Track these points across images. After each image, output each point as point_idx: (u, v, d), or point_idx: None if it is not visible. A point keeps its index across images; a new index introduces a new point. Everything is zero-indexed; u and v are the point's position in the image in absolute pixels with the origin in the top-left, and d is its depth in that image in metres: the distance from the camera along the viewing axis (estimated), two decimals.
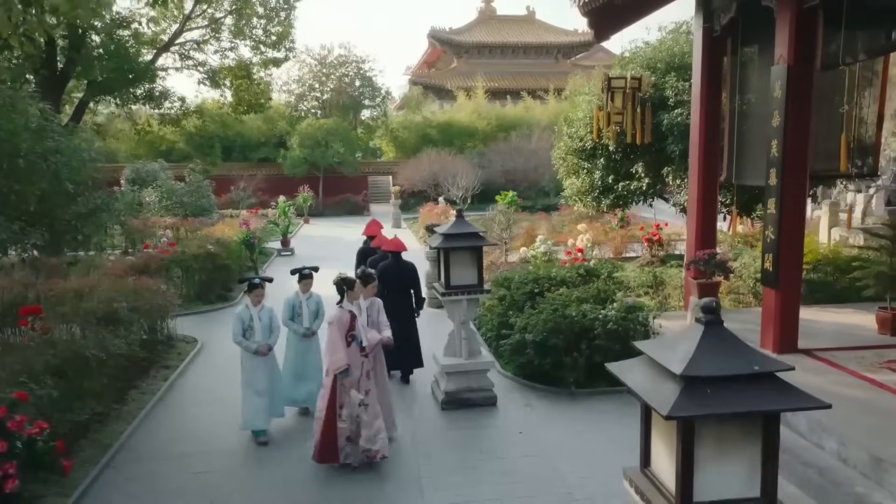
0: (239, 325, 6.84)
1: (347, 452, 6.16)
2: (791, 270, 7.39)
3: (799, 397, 2.84)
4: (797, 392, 2.86)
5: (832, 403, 5.76)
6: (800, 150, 7.22)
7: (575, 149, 12.28)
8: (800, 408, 2.85)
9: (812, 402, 2.84)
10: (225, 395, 8.16)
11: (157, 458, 6.53)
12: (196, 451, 6.72)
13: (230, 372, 8.68)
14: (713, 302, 3.02)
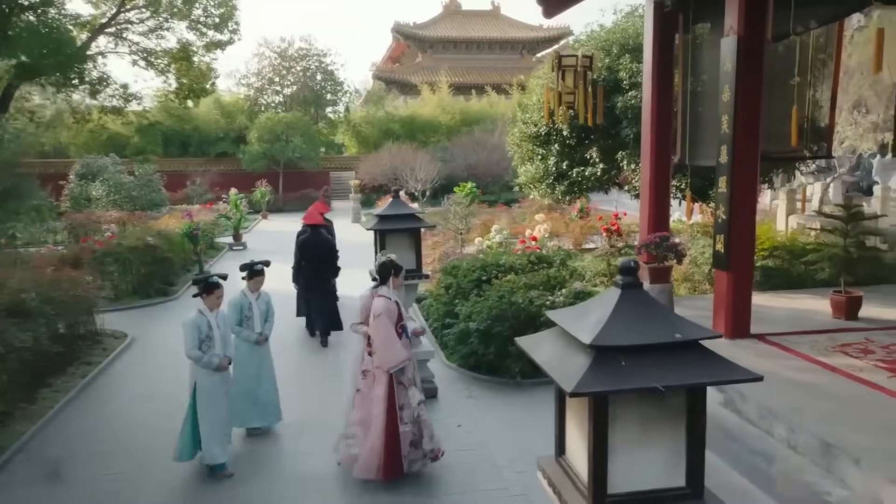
0: (195, 335, 5.61)
1: (411, 459, 5.45)
2: (743, 252, 7.08)
3: (727, 369, 2.44)
4: (725, 363, 2.46)
5: (784, 389, 5.45)
6: (751, 125, 6.91)
7: (529, 135, 11.91)
8: (728, 380, 2.46)
9: (741, 373, 2.45)
10: (152, 393, 7.62)
11: (62, 460, 5.96)
12: (109, 451, 6.17)
13: (159, 369, 8.17)
14: (630, 262, 2.62)
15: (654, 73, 8.59)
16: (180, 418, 6.81)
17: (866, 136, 16.53)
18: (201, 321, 5.65)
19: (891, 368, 6.08)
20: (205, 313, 5.68)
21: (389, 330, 5.26)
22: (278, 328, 6.64)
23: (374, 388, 5.34)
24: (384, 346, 5.24)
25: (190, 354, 5.60)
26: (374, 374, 5.34)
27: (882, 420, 5.00)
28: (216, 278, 5.79)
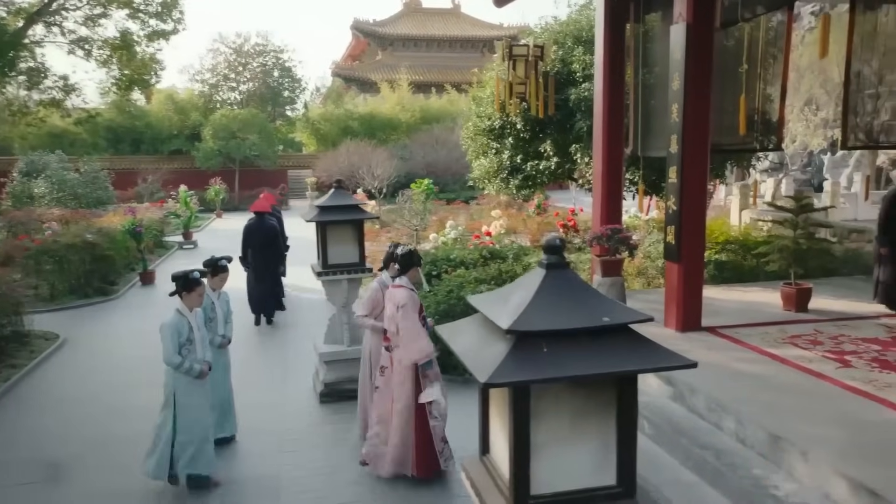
0: (175, 339, 4.94)
1: (447, 456, 5.09)
2: (694, 244, 6.97)
3: (659, 355, 2.22)
4: (657, 349, 2.24)
5: (733, 381, 5.30)
6: (701, 114, 6.81)
7: (483, 129, 11.69)
8: (659, 367, 2.23)
9: (674, 360, 2.22)
10: (80, 396, 7.16)
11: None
12: (25, 458, 5.74)
13: (90, 372, 7.72)
14: (556, 239, 2.38)
15: (605, 64, 8.45)
16: (109, 423, 6.42)
17: (816, 132, 16.78)
18: (181, 323, 5.00)
19: (839, 359, 6.02)
20: (184, 314, 5.04)
21: (415, 321, 4.93)
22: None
23: (396, 383, 5.02)
24: (411, 338, 4.89)
25: (170, 361, 4.94)
26: (394, 369, 5.02)
27: (830, 411, 4.89)
28: (197, 274, 5.15)
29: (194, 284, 5.07)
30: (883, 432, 4.50)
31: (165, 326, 4.97)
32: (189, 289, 5.05)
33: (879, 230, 7.75)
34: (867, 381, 5.44)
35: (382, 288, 5.38)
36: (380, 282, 5.50)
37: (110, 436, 6.16)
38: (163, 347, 4.96)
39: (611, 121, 8.43)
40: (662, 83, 8.06)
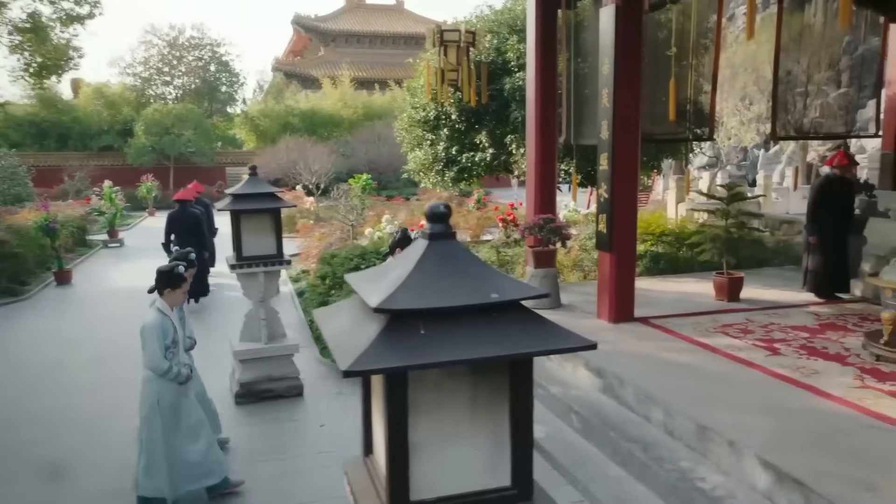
0: (161, 342, 4.37)
1: None
2: (625, 232, 6.82)
3: (556, 335, 1.94)
4: (554, 329, 1.96)
5: (663, 371, 5.11)
6: (631, 98, 6.66)
7: (418, 120, 11.39)
8: (556, 349, 1.94)
9: (572, 340, 1.94)
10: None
11: None
12: None
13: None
14: (440, 206, 2.08)
15: (537, 51, 8.25)
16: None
17: (750, 126, 17.07)
18: (166, 323, 4.43)
19: (769, 347, 5.93)
20: (166, 312, 4.48)
21: None
22: None
23: None
24: None
25: (158, 367, 4.35)
26: None
27: (758, 399, 4.75)
28: (183, 268, 4.57)
29: (180, 280, 4.52)
30: (808, 419, 4.38)
31: (149, 328, 4.36)
32: (175, 285, 4.49)
33: (808, 219, 7.78)
34: (795, 368, 5.35)
35: None
36: None
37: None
38: (147, 352, 4.36)
39: (543, 109, 8.23)
40: (595, 70, 7.89)
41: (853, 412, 4.47)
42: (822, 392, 4.82)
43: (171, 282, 4.48)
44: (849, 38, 13.27)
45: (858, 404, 4.59)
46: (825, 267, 7.62)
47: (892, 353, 5.42)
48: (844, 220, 7.70)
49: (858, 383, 5.01)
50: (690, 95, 8.79)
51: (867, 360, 5.54)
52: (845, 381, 5.06)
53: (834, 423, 4.31)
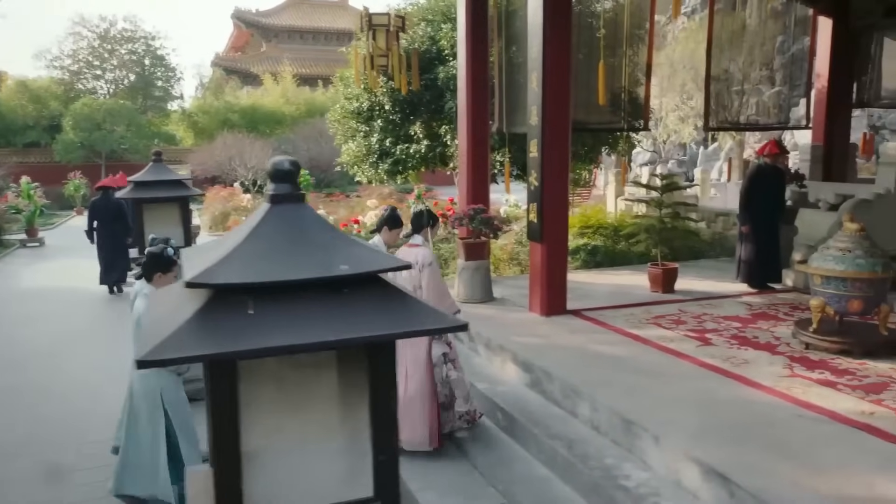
0: None
1: (443, 421, 4.77)
2: (556, 222, 6.58)
3: (420, 314, 1.62)
4: (418, 307, 1.64)
5: (592, 364, 4.85)
6: (561, 83, 6.43)
7: (351, 111, 11.00)
8: (418, 331, 1.63)
9: (439, 320, 1.64)
10: None
11: None
12: None
13: None
14: (285, 162, 1.75)
15: (468, 38, 7.97)
16: None
17: (688, 122, 17.24)
18: None
19: (700, 338, 5.78)
20: None
21: (440, 279, 4.72)
22: None
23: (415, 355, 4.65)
24: (439, 296, 4.62)
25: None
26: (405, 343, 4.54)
27: (686, 391, 4.56)
28: (171, 251, 4.29)
29: (171, 263, 4.23)
30: (736, 410, 4.20)
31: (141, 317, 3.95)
32: (167, 268, 4.22)
33: (741, 207, 7.71)
34: (725, 358, 5.20)
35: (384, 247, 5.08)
36: (374, 245, 5.00)
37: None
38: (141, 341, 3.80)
39: (475, 97, 7.95)
40: (527, 57, 7.69)
41: (781, 402, 4.31)
42: (751, 382, 4.66)
43: (161, 265, 4.19)
44: (782, 38, 13.47)
45: (787, 393, 4.44)
46: (757, 257, 7.57)
47: (821, 340, 5.32)
48: (776, 209, 7.67)
49: (787, 372, 4.87)
50: (625, 85, 8.69)
51: (797, 348, 5.43)
52: (774, 370, 4.92)
53: (762, 413, 4.14)
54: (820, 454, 3.62)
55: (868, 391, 4.45)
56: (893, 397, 4.33)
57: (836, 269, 5.21)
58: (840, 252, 5.25)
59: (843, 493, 3.21)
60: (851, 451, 3.64)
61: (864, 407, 4.19)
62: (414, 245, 4.81)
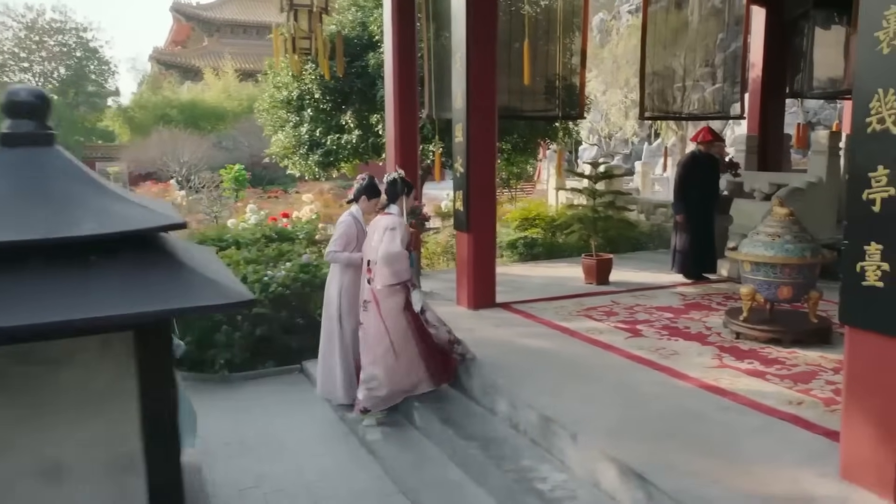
0: None
1: (460, 351, 4.81)
2: (484, 210, 6.27)
3: (190, 287, 1.25)
4: (192, 277, 1.27)
5: (515, 358, 4.53)
6: (486, 64, 6.12)
7: (280, 100, 10.49)
8: (191, 308, 1.25)
9: (220, 294, 1.26)
10: None
11: None
12: None
13: None
14: (21, 92, 1.34)
15: (394, 19, 7.60)
16: None
17: (630, 116, 17.24)
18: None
19: (630, 329, 5.54)
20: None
21: (399, 247, 4.58)
22: None
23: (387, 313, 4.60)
24: (393, 259, 4.54)
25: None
26: (378, 300, 4.59)
27: (611, 385, 4.28)
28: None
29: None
30: (661, 404, 3.94)
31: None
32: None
33: (675, 196, 7.54)
34: (654, 349, 4.96)
35: (355, 222, 5.10)
36: (351, 214, 5.15)
37: None
38: None
39: (402, 82, 7.58)
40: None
41: (708, 394, 4.07)
42: (678, 374, 4.42)
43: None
44: (722, 35, 13.54)
45: (715, 385, 4.20)
46: (692, 247, 7.41)
47: (751, 329, 5.13)
48: (710, 198, 7.53)
49: (716, 363, 4.65)
50: (560, 73, 8.49)
51: (728, 338, 5.24)
52: (704, 360, 4.69)
53: (688, 407, 3.89)
54: (745, 449, 3.37)
55: (796, 380, 4.26)
56: (821, 386, 4.14)
57: (765, 254, 5.02)
58: (769, 237, 5.07)
59: (768, 491, 2.96)
60: (777, 444, 3.41)
61: (792, 397, 3.98)
62: (388, 213, 4.77)
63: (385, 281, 4.56)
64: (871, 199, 2.78)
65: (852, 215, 2.87)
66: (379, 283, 4.58)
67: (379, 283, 4.58)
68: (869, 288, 2.81)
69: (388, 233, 4.61)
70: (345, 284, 5.09)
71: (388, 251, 4.54)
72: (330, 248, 5.15)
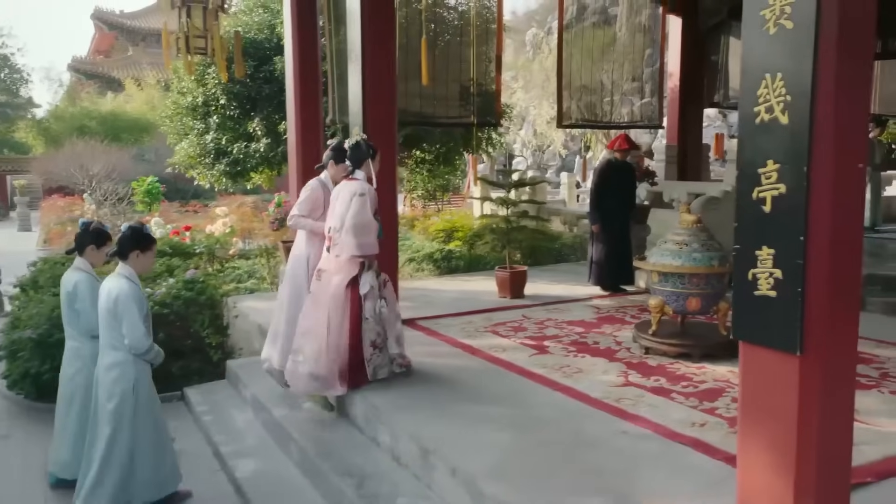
0: (141, 315, 3.68)
1: (376, 364, 4.34)
2: (386, 222, 5.81)
3: None
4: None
5: (405, 380, 4.11)
6: (384, 65, 5.71)
7: (185, 106, 9.86)
8: None
9: None
10: None
11: None
12: None
13: None
14: None
15: (294, 20, 7.17)
16: None
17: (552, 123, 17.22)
18: (141, 294, 3.74)
19: (537, 345, 5.18)
20: (135, 281, 3.72)
21: (368, 214, 4.31)
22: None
23: (334, 282, 4.26)
24: (359, 230, 4.24)
25: (141, 344, 3.64)
26: (334, 269, 4.29)
27: (504, 408, 3.89)
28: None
29: (151, 242, 3.83)
30: (554, 430, 3.57)
31: (128, 299, 3.59)
32: (146, 246, 3.78)
33: (591, 206, 7.30)
34: (558, 367, 4.61)
35: (322, 186, 4.84)
36: (318, 180, 4.91)
37: None
38: (129, 326, 3.59)
39: (304, 86, 7.14)
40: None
41: (608, 416, 3.73)
42: (579, 394, 4.07)
43: (143, 243, 3.76)
44: (650, 52, 13.59)
45: (616, 406, 3.87)
46: (608, 258, 7.17)
47: (660, 344, 4.85)
48: (627, 207, 7.32)
49: (622, 380, 4.33)
50: (474, 78, 8.21)
51: (637, 353, 4.94)
52: (608, 378, 4.37)
53: (584, 431, 3.53)
54: (641, 479, 3.02)
55: (702, 398, 3.96)
56: (727, 405, 3.85)
57: (672, 264, 4.75)
58: (676, 246, 4.81)
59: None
60: (676, 472, 3.07)
61: (696, 417, 3.68)
62: (353, 179, 4.47)
63: (351, 251, 4.25)
64: (761, 198, 2.48)
65: (742, 217, 2.56)
66: (344, 253, 4.25)
67: (344, 253, 4.25)
68: (762, 298, 2.50)
69: (355, 199, 4.30)
70: (313, 254, 4.76)
71: (354, 220, 4.24)
72: (293, 211, 4.87)
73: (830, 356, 2.42)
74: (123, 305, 3.60)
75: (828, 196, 2.33)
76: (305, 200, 4.80)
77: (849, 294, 2.47)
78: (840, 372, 2.47)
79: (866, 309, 6.17)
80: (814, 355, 2.41)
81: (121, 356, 3.65)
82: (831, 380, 2.44)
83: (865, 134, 2.51)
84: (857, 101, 2.39)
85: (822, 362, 2.41)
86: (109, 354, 3.66)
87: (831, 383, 2.44)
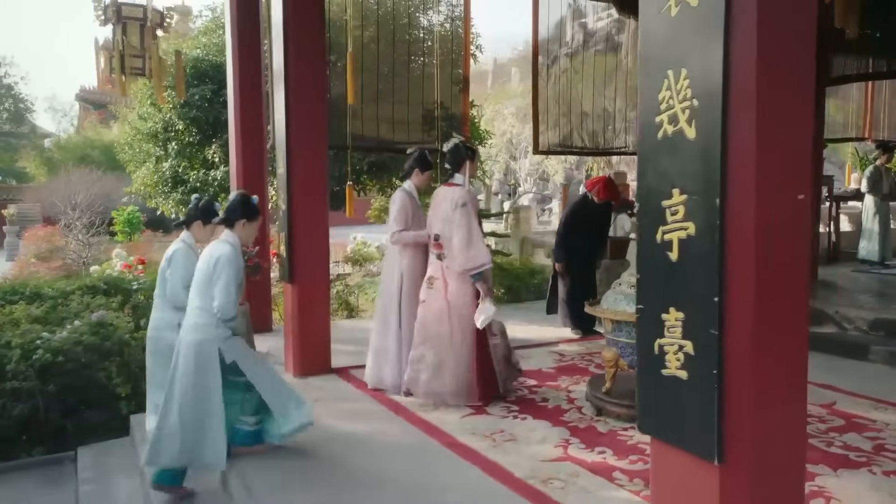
0: (236, 281, 3.57)
1: (505, 377, 4.47)
2: (313, 257, 5.18)
3: None
4: None
5: (304, 452, 3.41)
6: (312, 84, 5.12)
7: (144, 132, 9.36)
8: None
9: None
10: None
11: None
12: None
13: None
14: None
15: (234, 41, 6.67)
16: None
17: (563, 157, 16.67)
18: (239, 263, 3.61)
19: (474, 405, 4.46)
20: (238, 249, 3.63)
21: (474, 224, 4.30)
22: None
23: (452, 293, 4.30)
24: (469, 242, 4.23)
25: (229, 310, 3.50)
26: (447, 279, 4.33)
27: (402, 491, 3.17)
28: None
29: (258, 213, 3.78)
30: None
31: (228, 262, 3.51)
32: (252, 216, 3.72)
33: (557, 244, 6.55)
34: (490, 433, 3.91)
35: (408, 196, 4.74)
36: (403, 189, 4.79)
37: None
38: (221, 288, 3.48)
39: (244, 110, 6.61)
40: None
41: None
42: (501, 471, 3.35)
43: (249, 212, 3.68)
44: None
45: (540, 490, 3.14)
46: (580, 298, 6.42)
47: (613, 404, 4.11)
48: (597, 246, 6.61)
49: (559, 453, 3.60)
50: (439, 100, 7.71)
51: (588, 414, 4.21)
52: (543, 450, 3.64)
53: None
54: None
55: (649, 481, 3.21)
56: None
57: (626, 311, 4.04)
58: (632, 289, 4.09)
59: None
60: None
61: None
62: (452, 184, 4.44)
63: (464, 265, 4.24)
64: (666, 242, 1.79)
65: (644, 267, 1.88)
66: (455, 266, 4.26)
67: (455, 266, 4.26)
68: (671, 380, 1.80)
69: (458, 210, 4.25)
70: (406, 265, 4.67)
71: (466, 233, 4.21)
72: (392, 228, 4.70)
73: (762, 468, 1.70)
74: (222, 268, 3.52)
75: (750, 240, 1.63)
76: (399, 213, 4.66)
77: (789, 374, 1.76)
78: (778, 489, 1.75)
79: (868, 359, 5.40)
80: (738, 466, 1.69)
81: (205, 319, 3.53)
82: (765, 500, 1.73)
83: (810, 152, 1.81)
84: (793, 104, 1.70)
85: (750, 476, 1.69)
86: (198, 315, 3.54)
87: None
